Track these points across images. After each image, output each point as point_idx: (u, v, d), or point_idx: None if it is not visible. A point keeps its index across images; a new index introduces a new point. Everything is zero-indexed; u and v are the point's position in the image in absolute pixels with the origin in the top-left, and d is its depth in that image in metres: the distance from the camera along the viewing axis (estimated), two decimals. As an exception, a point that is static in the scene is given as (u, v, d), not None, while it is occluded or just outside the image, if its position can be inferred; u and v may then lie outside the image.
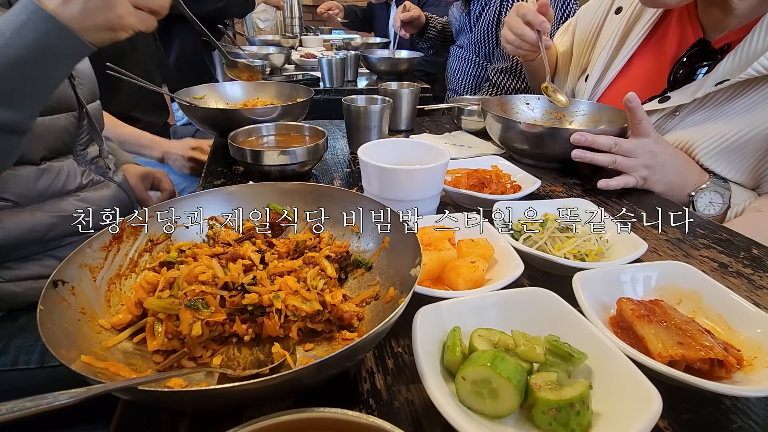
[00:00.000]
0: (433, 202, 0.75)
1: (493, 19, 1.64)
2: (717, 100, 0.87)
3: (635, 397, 0.37)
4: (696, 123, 0.90)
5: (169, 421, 0.40)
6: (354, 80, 1.84)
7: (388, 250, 0.55)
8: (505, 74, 1.62)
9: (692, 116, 0.91)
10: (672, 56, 0.98)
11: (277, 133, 0.99)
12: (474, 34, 1.74)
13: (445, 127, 1.33)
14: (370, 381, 0.45)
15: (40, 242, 0.80)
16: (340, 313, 0.48)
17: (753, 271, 0.66)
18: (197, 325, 0.43)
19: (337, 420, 0.29)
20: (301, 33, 3.17)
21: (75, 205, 0.83)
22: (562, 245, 0.64)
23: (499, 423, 0.38)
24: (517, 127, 0.97)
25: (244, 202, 0.61)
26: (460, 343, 0.42)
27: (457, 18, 1.86)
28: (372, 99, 1.09)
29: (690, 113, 0.92)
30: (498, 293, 0.49)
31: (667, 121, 0.95)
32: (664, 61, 1.00)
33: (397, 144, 0.81)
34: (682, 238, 0.75)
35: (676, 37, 0.99)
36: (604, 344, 0.42)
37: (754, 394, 0.41)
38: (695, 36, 0.95)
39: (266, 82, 1.27)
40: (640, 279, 0.55)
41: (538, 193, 0.88)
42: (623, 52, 1.07)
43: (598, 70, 1.12)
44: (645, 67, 1.05)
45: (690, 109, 0.91)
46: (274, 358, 0.44)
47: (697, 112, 0.91)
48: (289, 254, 0.55)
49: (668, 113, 0.95)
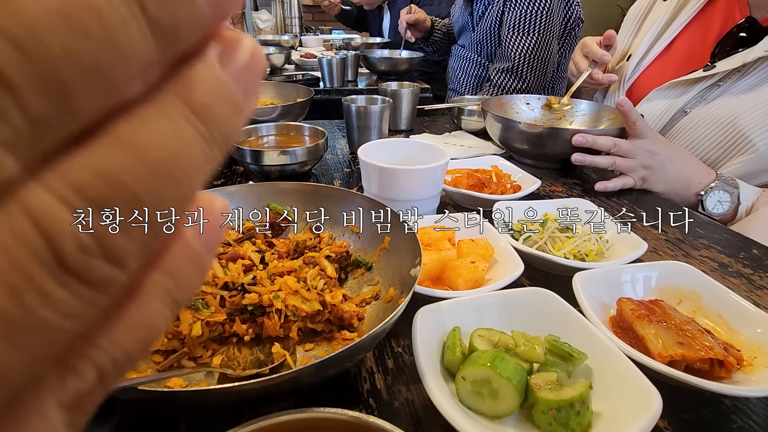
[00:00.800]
0: (433, 202, 0.75)
1: (496, 19, 1.64)
2: (763, 70, 0.88)
3: (635, 397, 0.37)
4: (740, 92, 0.91)
5: (169, 421, 0.40)
6: (354, 80, 1.84)
7: (388, 250, 0.55)
8: (507, 74, 1.62)
9: (736, 86, 0.91)
10: (716, 34, 0.99)
11: (277, 133, 0.99)
12: (476, 33, 1.74)
13: (445, 127, 1.33)
14: (370, 381, 0.45)
15: None
16: (340, 313, 0.48)
17: (753, 271, 0.66)
18: (197, 325, 0.43)
19: (337, 420, 0.29)
20: (301, 33, 3.17)
21: None
22: (562, 245, 0.64)
23: (499, 423, 0.38)
24: (517, 127, 0.97)
25: (244, 202, 0.61)
26: (460, 343, 0.42)
27: (460, 17, 1.86)
28: (372, 99, 1.09)
29: (734, 83, 0.92)
30: (498, 293, 0.50)
31: (710, 91, 0.95)
32: (707, 40, 1.00)
33: (397, 144, 0.81)
34: (682, 238, 0.75)
35: (722, 17, 1.00)
36: (604, 344, 0.42)
37: (754, 394, 0.41)
38: (742, 15, 0.96)
39: (266, 82, 1.27)
40: (640, 279, 0.55)
41: (538, 193, 0.88)
42: (668, 32, 1.08)
43: (642, 49, 1.12)
44: (687, 45, 1.06)
45: (734, 79, 0.92)
46: (274, 358, 0.44)
47: (741, 81, 0.91)
48: (289, 254, 0.55)
49: (712, 84, 0.94)
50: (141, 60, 0.10)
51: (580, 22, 1.66)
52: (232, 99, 0.12)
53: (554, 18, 1.55)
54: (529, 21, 1.53)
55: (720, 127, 0.91)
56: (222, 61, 0.12)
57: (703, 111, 0.95)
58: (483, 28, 1.70)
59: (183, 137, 0.11)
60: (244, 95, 0.12)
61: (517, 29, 1.56)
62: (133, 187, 0.10)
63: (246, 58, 0.12)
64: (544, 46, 1.56)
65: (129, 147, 0.10)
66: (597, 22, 2.90)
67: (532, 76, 1.60)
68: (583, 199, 0.74)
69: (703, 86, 0.95)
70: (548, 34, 1.55)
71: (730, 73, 0.91)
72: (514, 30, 1.56)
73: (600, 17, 2.89)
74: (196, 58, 0.12)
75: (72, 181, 0.09)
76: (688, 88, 0.98)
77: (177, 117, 0.11)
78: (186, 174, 0.11)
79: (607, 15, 2.91)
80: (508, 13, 1.57)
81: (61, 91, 0.09)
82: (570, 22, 1.64)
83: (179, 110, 0.11)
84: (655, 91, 1.03)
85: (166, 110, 0.11)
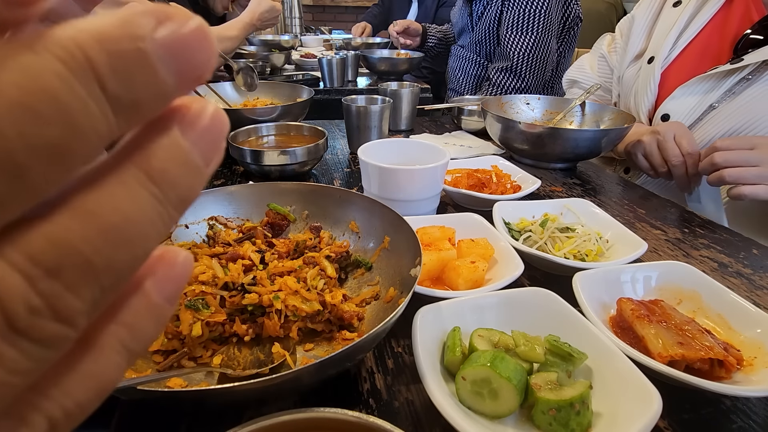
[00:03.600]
0: (433, 202, 0.75)
1: (495, 18, 1.65)
2: None
3: (635, 397, 0.37)
4: None
5: (169, 421, 0.40)
6: (354, 80, 1.84)
7: (388, 250, 0.55)
8: (506, 73, 1.62)
9: (766, 77, 0.91)
10: (734, 33, 0.98)
11: (277, 133, 0.99)
12: (475, 33, 1.75)
13: (445, 127, 1.33)
14: (370, 381, 0.45)
15: None
16: (340, 313, 0.48)
17: (753, 271, 0.66)
18: (197, 325, 0.43)
19: (337, 420, 0.29)
20: (301, 33, 3.17)
21: None
22: (562, 245, 0.64)
23: (499, 423, 0.38)
24: (517, 127, 0.97)
25: (244, 202, 0.61)
26: (460, 343, 0.42)
27: (459, 19, 1.87)
28: (372, 99, 1.09)
29: (763, 75, 0.91)
30: (498, 293, 0.49)
31: (739, 85, 0.94)
32: (726, 38, 1.00)
33: (397, 144, 0.81)
34: (682, 238, 0.75)
35: (738, 16, 0.99)
36: (604, 344, 0.42)
37: (754, 394, 0.41)
38: (759, 14, 0.96)
39: (266, 82, 1.27)
40: (640, 279, 0.55)
41: (538, 193, 0.88)
42: (687, 33, 1.07)
43: (665, 52, 1.10)
44: (704, 44, 1.05)
45: (763, 72, 0.91)
46: (274, 358, 0.44)
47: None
48: (289, 254, 0.55)
49: (741, 78, 0.94)
50: (101, 135, 0.11)
51: (579, 20, 1.67)
52: (191, 163, 0.13)
53: (553, 17, 1.55)
54: (527, 20, 1.53)
55: (751, 119, 0.90)
56: (182, 126, 0.13)
57: (733, 104, 0.94)
58: (482, 28, 1.71)
59: (137, 201, 0.12)
60: (204, 158, 0.13)
61: (515, 28, 1.56)
62: (84, 251, 0.11)
63: (207, 122, 0.13)
64: (543, 45, 1.56)
65: (83, 214, 0.11)
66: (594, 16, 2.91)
67: (532, 75, 1.60)
68: (583, 199, 0.74)
69: (733, 81, 0.94)
70: (547, 33, 1.56)
71: (759, 66, 0.91)
72: (513, 29, 1.56)
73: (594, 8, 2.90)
74: (158, 124, 0.13)
75: (27, 249, 0.10)
76: (716, 83, 0.97)
77: (132, 183, 0.12)
78: (139, 235, 0.12)
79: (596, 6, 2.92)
80: (507, 12, 1.57)
81: (16, 172, 0.10)
82: (569, 20, 1.64)
83: (135, 176, 0.12)
84: (681, 88, 1.02)
85: (123, 177, 0.12)
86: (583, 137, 0.94)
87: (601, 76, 1.27)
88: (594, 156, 1.01)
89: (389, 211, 0.55)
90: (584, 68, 1.31)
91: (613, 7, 2.98)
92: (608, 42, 1.29)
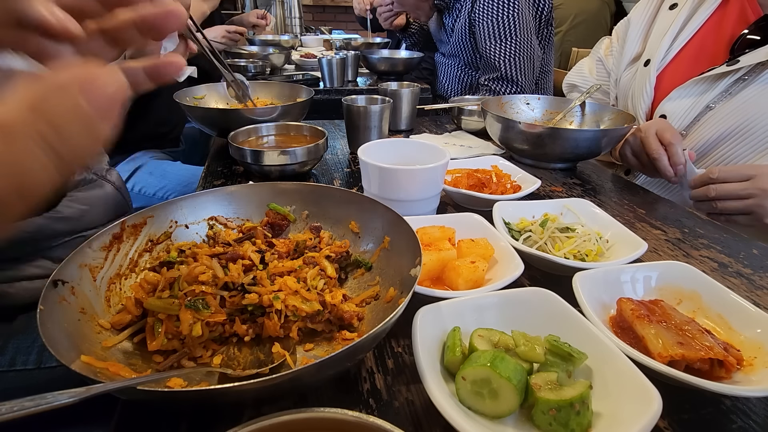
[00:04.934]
0: (433, 202, 0.75)
1: (465, 30, 1.63)
2: None
3: (635, 397, 0.37)
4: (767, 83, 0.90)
5: (169, 421, 0.40)
6: (354, 80, 1.84)
7: (388, 250, 0.55)
8: (499, 82, 1.61)
9: (761, 78, 0.91)
10: (730, 34, 0.99)
11: (277, 133, 0.99)
12: (451, 45, 1.75)
13: (445, 127, 1.33)
14: (370, 381, 0.45)
15: (31, 243, 0.79)
16: (340, 313, 0.48)
17: (753, 271, 0.66)
18: (197, 325, 0.43)
19: (337, 420, 0.29)
20: (301, 33, 3.17)
21: (67, 205, 0.82)
22: (562, 245, 0.64)
23: (499, 423, 0.38)
24: (517, 127, 0.97)
25: (244, 202, 0.61)
26: (460, 343, 0.42)
27: (435, 31, 1.87)
28: (372, 99, 1.09)
29: (759, 76, 0.92)
30: (498, 293, 0.49)
31: (735, 86, 0.95)
32: (721, 39, 1.00)
33: (397, 144, 0.81)
34: (682, 238, 0.75)
35: (734, 17, 1.00)
36: (604, 344, 0.42)
37: (754, 394, 0.41)
38: (755, 15, 0.96)
39: (266, 82, 1.27)
40: (640, 279, 0.55)
41: (538, 193, 0.88)
42: (683, 34, 1.07)
43: (661, 54, 1.11)
44: (700, 45, 1.06)
45: (759, 72, 0.91)
46: (274, 358, 0.44)
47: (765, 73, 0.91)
48: (289, 254, 0.55)
49: (737, 79, 0.94)
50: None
51: (551, 11, 1.65)
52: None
53: (526, 16, 1.53)
54: (503, 27, 1.51)
55: (748, 119, 0.91)
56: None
57: (729, 105, 0.94)
58: (456, 40, 1.71)
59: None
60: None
61: (494, 38, 1.54)
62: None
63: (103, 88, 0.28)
64: (525, 46, 1.55)
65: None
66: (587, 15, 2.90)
67: (524, 77, 1.59)
68: (583, 199, 0.74)
69: (728, 81, 0.95)
70: (526, 33, 1.54)
71: (754, 67, 0.91)
72: (492, 39, 1.54)
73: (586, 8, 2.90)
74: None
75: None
76: (712, 84, 0.97)
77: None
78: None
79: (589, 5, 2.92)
80: (479, 25, 1.55)
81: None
82: (543, 14, 1.62)
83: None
84: (677, 89, 1.02)
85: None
86: (583, 137, 0.94)
87: (599, 79, 1.28)
88: (594, 156, 1.01)
89: (389, 211, 0.55)
90: (583, 72, 1.32)
91: (606, 5, 2.98)
92: (606, 46, 1.30)
